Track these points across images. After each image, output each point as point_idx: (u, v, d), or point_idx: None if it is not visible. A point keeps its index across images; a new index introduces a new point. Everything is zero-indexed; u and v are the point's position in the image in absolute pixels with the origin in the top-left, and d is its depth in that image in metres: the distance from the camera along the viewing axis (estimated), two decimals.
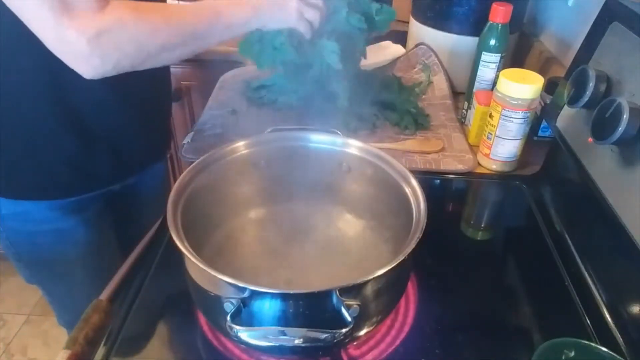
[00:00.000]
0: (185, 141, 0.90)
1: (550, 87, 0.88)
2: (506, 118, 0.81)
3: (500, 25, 0.88)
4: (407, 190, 0.61)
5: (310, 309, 0.49)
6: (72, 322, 0.54)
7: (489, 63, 0.92)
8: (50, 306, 0.95)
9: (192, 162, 0.63)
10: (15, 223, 0.78)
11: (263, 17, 0.71)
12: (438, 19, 1.09)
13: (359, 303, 0.48)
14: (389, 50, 1.24)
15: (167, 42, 0.61)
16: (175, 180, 0.63)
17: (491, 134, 0.84)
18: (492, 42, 0.89)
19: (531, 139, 0.90)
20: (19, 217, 0.77)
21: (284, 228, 0.70)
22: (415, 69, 1.15)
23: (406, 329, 0.60)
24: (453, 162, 0.88)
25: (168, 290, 0.65)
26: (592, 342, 0.51)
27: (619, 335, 0.59)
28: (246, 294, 0.48)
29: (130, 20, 0.56)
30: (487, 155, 0.87)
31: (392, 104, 0.97)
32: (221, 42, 0.69)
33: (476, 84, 0.95)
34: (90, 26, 0.53)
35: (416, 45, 1.16)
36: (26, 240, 0.80)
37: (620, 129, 0.55)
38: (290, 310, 0.49)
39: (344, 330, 0.47)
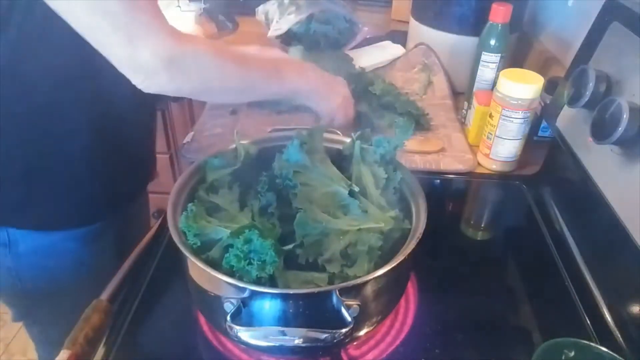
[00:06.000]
0: (185, 141, 0.90)
1: (550, 87, 0.88)
2: (506, 118, 0.81)
3: (500, 25, 0.88)
4: (407, 190, 0.61)
5: (310, 308, 0.49)
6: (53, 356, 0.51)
7: (489, 63, 0.92)
8: (36, 345, 0.90)
9: (192, 162, 0.63)
10: (34, 258, 0.75)
11: (310, 96, 0.75)
12: (438, 19, 1.09)
13: (359, 303, 0.48)
14: (389, 50, 1.24)
15: (230, 84, 0.65)
16: (175, 180, 0.63)
17: (491, 134, 0.84)
18: (492, 42, 0.89)
19: (531, 139, 0.90)
20: (41, 251, 0.74)
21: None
22: (415, 69, 1.15)
23: (406, 329, 0.60)
24: (453, 162, 0.88)
25: (168, 290, 0.65)
26: (592, 342, 0.51)
27: (619, 335, 0.59)
28: (246, 294, 0.48)
29: (206, 54, 0.59)
30: (487, 155, 0.87)
31: (393, 106, 0.96)
32: (264, 98, 0.74)
33: (476, 84, 0.95)
34: (166, 48, 0.55)
35: (416, 45, 1.16)
36: (42, 275, 0.77)
37: (620, 129, 0.55)
38: (290, 310, 0.49)
39: (344, 330, 0.47)
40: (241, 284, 0.47)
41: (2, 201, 0.69)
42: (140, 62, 0.54)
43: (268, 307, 0.49)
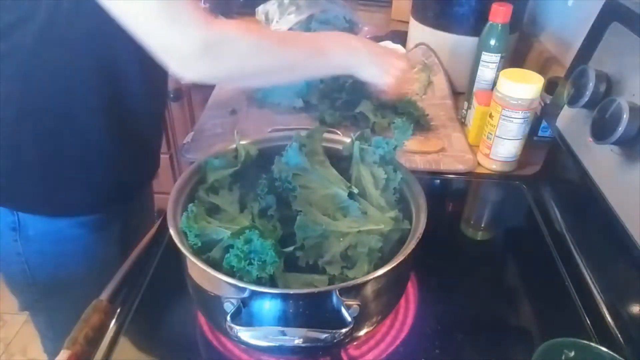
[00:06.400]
0: (185, 141, 0.90)
1: (550, 87, 0.88)
2: (506, 118, 0.81)
3: (500, 25, 0.88)
4: (407, 190, 0.61)
5: (310, 308, 0.49)
6: (58, 350, 0.52)
7: (489, 63, 0.92)
8: (41, 338, 0.91)
9: (192, 162, 0.63)
10: (42, 244, 0.75)
11: (360, 68, 0.71)
12: (438, 19, 1.09)
13: (359, 303, 0.48)
14: None
15: (267, 66, 0.64)
16: (175, 180, 0.63)
17: (491, 134, 0.84)
18: (492, 42, 0.89)
19: (531, 139, 0.90)
20: (50, 237, 0.75)
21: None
22: (415, 69, 1.15)
23: (406, 329, 0.60)
24: (453, 162, 0.88)
25: (168, 290, 0.65)
26: (592, 342, 0.51)
27: (619, 335, 0.59)
28: (246, 294, 0.48)
29: (236, 37, 0.59)
30: (487, 155, 0.87)
31: (394, 106, 0.97)
32: (311, 77, 0.73)
33: (476, 84, 0.95)
34: (199, 36, 0.55)
35: (416, 45, 1.16)
36: (50, 262, 0.77)
37: (620, 129, 0.55)
38: (290, 310, 0.49)
39: (344, 330, 0.47)
40: (241, 284, 0.47)
41: (14, 185, 0.70)
42: (177, 49, 0.55)
43: (268, 307, 0.49)
